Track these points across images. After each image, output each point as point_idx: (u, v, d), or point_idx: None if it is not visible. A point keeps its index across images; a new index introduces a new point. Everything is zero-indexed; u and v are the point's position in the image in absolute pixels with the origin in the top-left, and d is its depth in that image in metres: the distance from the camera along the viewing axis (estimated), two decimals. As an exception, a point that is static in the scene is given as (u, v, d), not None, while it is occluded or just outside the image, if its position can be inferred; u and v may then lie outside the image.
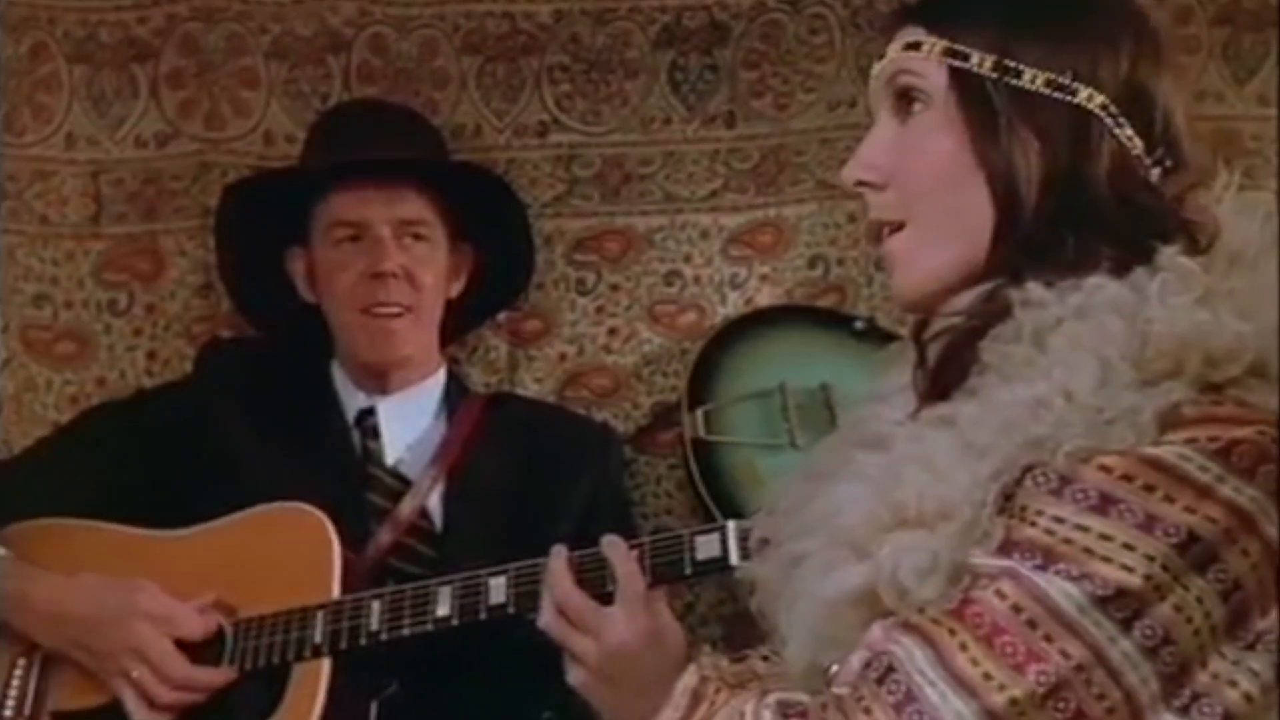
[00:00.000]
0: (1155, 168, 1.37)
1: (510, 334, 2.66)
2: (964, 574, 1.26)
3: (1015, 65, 1.36)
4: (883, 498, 1.30)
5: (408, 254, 2.37)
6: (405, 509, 2.33)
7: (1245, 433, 1.25)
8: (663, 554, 1.80)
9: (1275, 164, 2.53)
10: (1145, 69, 1.38)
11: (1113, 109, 1.36)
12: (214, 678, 2.11)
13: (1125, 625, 1.22)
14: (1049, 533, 1.24)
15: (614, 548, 1.74)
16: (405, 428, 2.42)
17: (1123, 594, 1.22)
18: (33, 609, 2.17)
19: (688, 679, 1.47)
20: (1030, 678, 1.22)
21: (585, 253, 2.68)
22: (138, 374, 2.62)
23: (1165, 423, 1.24)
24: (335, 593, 2.11)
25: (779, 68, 2.70)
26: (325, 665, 2.07)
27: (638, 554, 1.77)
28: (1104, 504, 1.23)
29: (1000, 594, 1.24)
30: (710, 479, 2.50)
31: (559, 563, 1.71)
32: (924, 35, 1.40)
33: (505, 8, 2.65)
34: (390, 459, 2.39)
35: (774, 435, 2.53)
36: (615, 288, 2.68)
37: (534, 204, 2.62)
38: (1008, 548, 1.25)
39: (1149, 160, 1.37)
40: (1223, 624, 1.24)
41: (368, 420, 2.41)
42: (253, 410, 2.37)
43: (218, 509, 2.22)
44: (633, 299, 2.68)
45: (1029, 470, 1.26)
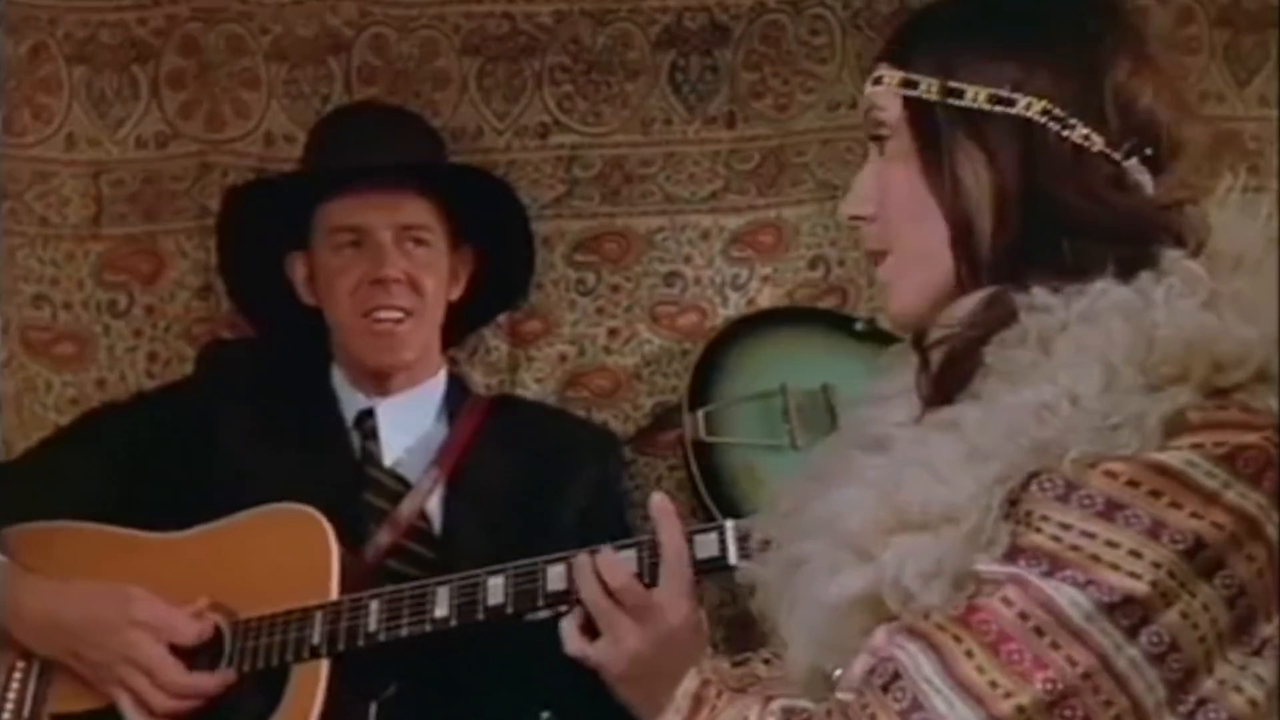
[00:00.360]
0: (1130, 158, 1.36)
1: (510, 335, 2.66)
2: (968, 579, 1.26)
3: (958, 85, 1.38)
4: (885, 501, 1.30)
5: (409, 259, 2.37)
6: (404, 511, 2.32)
7: (1251, 438, 1.25)
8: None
9: (1275, 164, 2.53)
10: (1093, 62, 1.37)
11: (1057, 112, 1.35)
12: (211, 683, 2.10)
13: (1132, 632, 1.22)
14: (1055, 539, 1.24)
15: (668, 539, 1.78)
16: (404, 429, 2.42)
17: (1129, 601, 1.21)
18: (26, 619, 2.15)
19: (689, 683, 1.47)
20: (1037, 685, 1.22)
21: (586, 253, 2.68)
22: (138, 375, 2.61)
23: (1171, 428, 1.24)
24: (334, 594, 2.10)
25: (779, 69, 2.70)
26: (324, 666, 2.06)
27: (637, 553, 1.78)
28: (1110, 510, 1.23)
29: (1006, 601, 1.24)
30: (711, 480, 2.50)
31: (613, 554, 1.79)
32: (886, 69, 1.43)
33: (506, 9, 2.65)
34: (389, 460, 2.39)
35: (775, 436, 2.54)
36: (616, 288, 2.68)
37: (534, 205, 2.62)
38: (1014, 554, 1.25)
39: (1118, 154, 1.36)
40: (1228, 630, 1.24)
41: (367, 422, 2.41)
42: (252, 411, 2.38)
43: (217, 510, 2.21)
44: (633, 300, 2.68)
45: (1034, 476, 1.26)
